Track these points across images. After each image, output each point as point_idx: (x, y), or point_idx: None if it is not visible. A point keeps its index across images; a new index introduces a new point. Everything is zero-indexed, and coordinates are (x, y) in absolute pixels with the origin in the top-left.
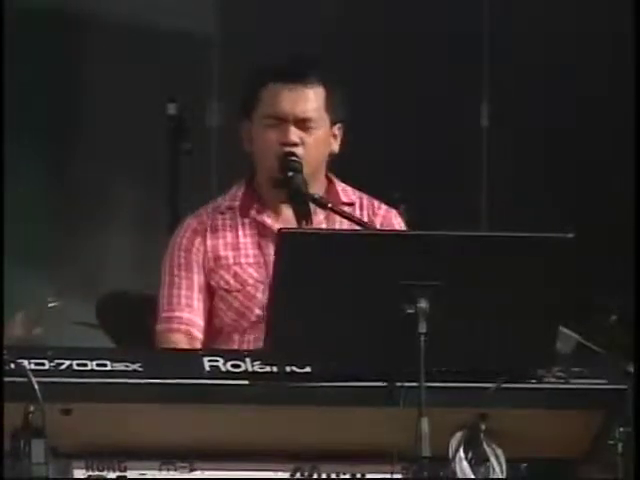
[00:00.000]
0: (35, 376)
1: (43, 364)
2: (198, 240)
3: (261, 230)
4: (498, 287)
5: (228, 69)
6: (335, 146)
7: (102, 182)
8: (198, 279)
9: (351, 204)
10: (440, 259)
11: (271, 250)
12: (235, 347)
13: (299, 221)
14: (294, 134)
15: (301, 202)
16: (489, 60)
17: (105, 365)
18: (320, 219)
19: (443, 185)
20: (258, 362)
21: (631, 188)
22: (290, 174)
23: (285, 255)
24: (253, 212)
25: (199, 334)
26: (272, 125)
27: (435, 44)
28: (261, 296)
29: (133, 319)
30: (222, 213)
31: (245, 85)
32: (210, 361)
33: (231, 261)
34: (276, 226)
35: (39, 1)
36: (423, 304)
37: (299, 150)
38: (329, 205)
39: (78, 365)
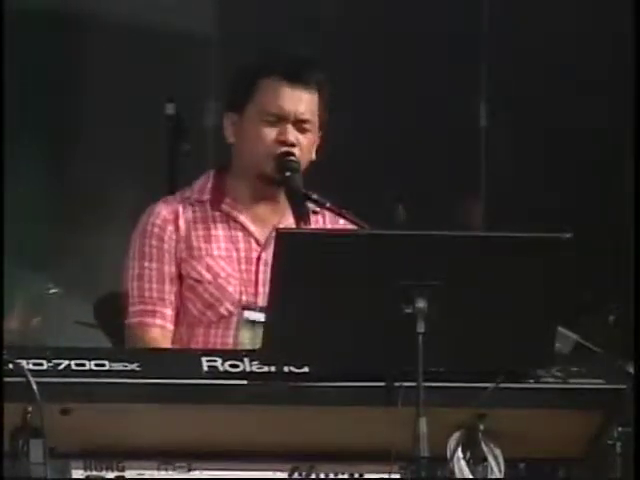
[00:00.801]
0: (33, 376)
1: (41, 364)
2: (170, 228)
3: (232, 224)
4: (496, 287)
5: (227, 69)
6: (314, 154)
7: (101, 182)
8: (169, 270)
9: (315, 213)
10: (439, 259)
11: (242, 245)
12: (199, 341)
13: (297, 221)
14: (292, 134)
15: (299, 202)
16: (488, 60)
17: (103, 365)
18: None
19: (442, 185)
20: (256, 362)
21: (631, 188)
22: (288, 174)
23: (283, 255)
24: (225, 206)
25: (171, 326)
26: (269, 122)
27: (435, 44)
28: (232, 290)
29: None
30: (192, 205)
31: (239, 76)
32: (208, 361)
33: (203, 252)
34: (248, 223)
35: (39, 1)
36: (421, 304)
37: (295, 151)
38: (327, 205)
39: (76, 365)
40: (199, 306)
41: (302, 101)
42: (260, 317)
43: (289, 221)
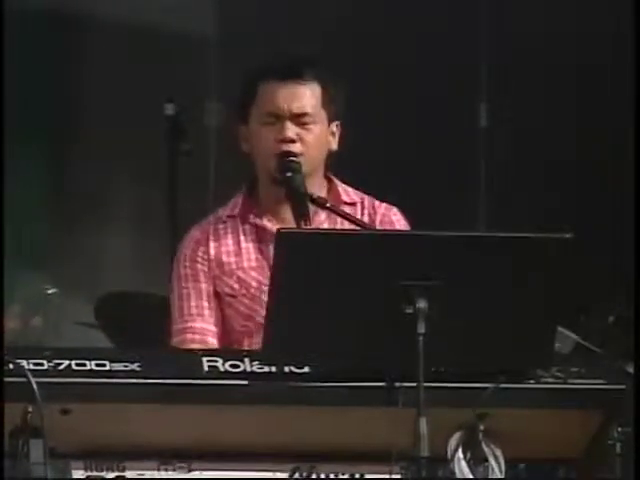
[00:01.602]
0: (34, 376)
1: (42, 364)
2: (202, 249)
3: (261, 234)
4: (497, 287)
5: (226, 69)
6: (334, 144)
7: (101, 182)
8: (206, 288)
9: (353, 204)
10: (439, 259)
11: (272, 253)
12: None
13: (298, 221)
14: (291, 130)
15: (300, 202)
16: (488, 60)
17: (104, 365)
18: (321, 219)
19: (442, 185)
20: (257, 362)
21: (631, 188)
22: (289, 174)
23: (283, 255)
24: (252, 217)
25: (214, 341)
26: (269, 123)
27: (434, 44)
28: (266, 298)
29: (132, 319)
30: (224, 222)
31: (242, 87)
32: (209, 361)
33: (234, 267)
34: (275, 229)
35: (39, 1)
36: (422, 304)
37: (297, 147)
38: (328, 205)
39: (77, 365)
40: (239, 320)
41: (297, 96)
42: None
43: (321, 218)
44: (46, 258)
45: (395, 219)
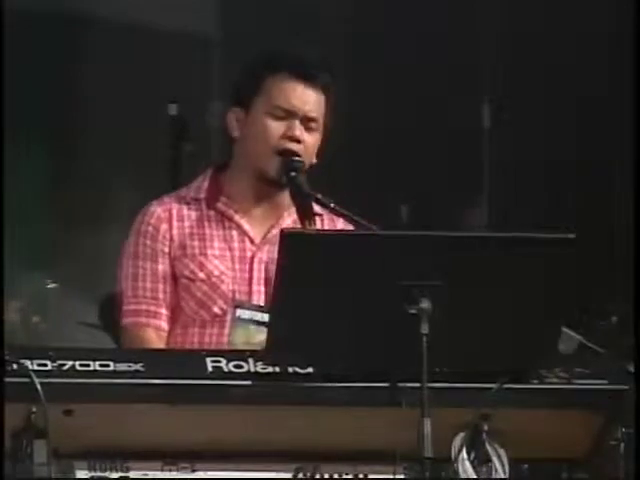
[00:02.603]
0: (37, 376)
1: (45, 364)
2: (164, 227)
3: (227, 223)
4: (499, 287)
5: (229, 69)
6: (315, 157)
7: (103, 182)
8: (163, 269)
9: (320, 214)
10: (441, 259)
11: (236, 244)
12: (193, 341)
13: (302, 221)
14: (299, 130)
15: (304, 202)
16: (490, 60)
17: (108, 365)
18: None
19: (444, 185)
20: (260, 363)
21: (631, 188)
22: (292, 174)
23: (287, 256)
24: (220, 205)
25: (166, 325)
26: (278, 117)
27: (435, 44)
28: (226, 289)
29: None
30: (187, 203)
31: (246, 71)
32: (213, 361)
33: (197, 251)
34: (243, 222)
35: (39, 1)
36: (425, 304)
37: (300, 148)
38: (331, 205)
39: (81, 365)
40: (192, 305)
41: (311, 100)
42: (252, 315)
43: (287, 221)
44: (47, 258)
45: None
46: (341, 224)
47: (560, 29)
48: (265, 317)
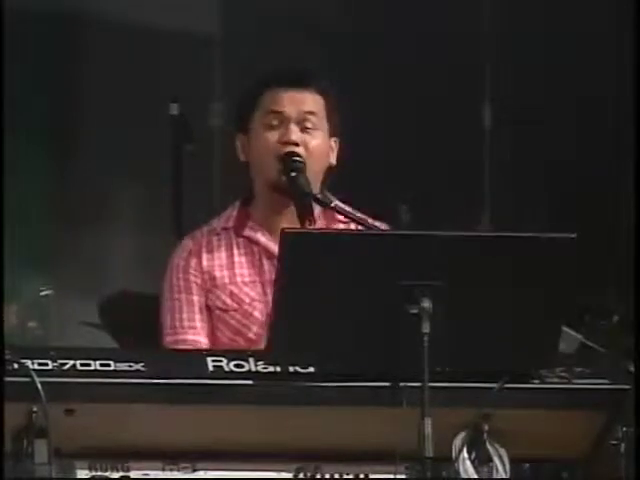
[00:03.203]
0: (38, 376)
1: (46, 364)
2: (194, 261)
3: (255, 248)
4: (500, 287)
5: (230, 69)
6: (333, 159)
7: (104, 182)
8: (198, 300)
9: (347, 223)
10: (442, 259)
11: (266, 268)
12: None
13: (302, 221)
14: (295, 133)
15: (304, 202)
16: (490, 60)
17: (108, 365)
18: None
19: (445, 186)
20: (261, 362)
21: (631, 188)
22: (293, 174)
23: (288, 255)
24: (247, 230)
25: None
26: (272, 126)
27: (435, 44)
28: (259, 315)
29: (136, 319)
30: (217, 234)
31: (242, 94)
32: (214, 361)
33: (227, 280)
34: (271, 244)
35: (39, 1)
36: (426, 304)
37: (300, 150)
38: (332, 204)
39: (81, 365)
40: (228, 334)
41: (302, 101)
42: None
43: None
44: (49, 258)
45: None
46: (338, 225)
47: (560, 29)
48: None
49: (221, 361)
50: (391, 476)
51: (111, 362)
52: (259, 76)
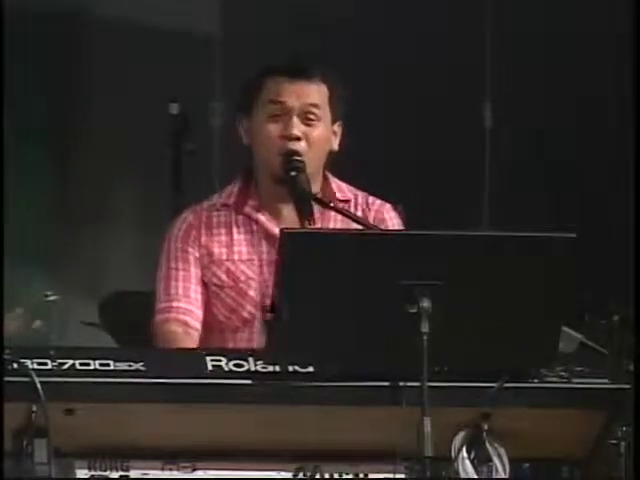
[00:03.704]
0: (38, 376)
1: (46, 364)
2: (193, 234)
3: (255, 228)
4: (499, 286)
5: (230, 68)
6: (335, 144)
7: (104, 182)
8: (195, 271)
9: (346, 201)
10: (442, 259)
11: (264, 248)
12: (228, 346)
13: (302, 220)
14: (297, 128)
15: (304, 202)
16: (491, 60)
17: (108, 365)
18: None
19: (445, 185)
20: (261, 362)
21: (631, 188)
22: (293, 174)
23: (288, 254)
24: (248, 209)
25: (196, 323)
26: (274, 116)
27: (435, 44)
28: (254, 294)
29: (136, 319)
30: (217, 210)
31: (247, 80)
32: (213, 360)
33: (224, 257)
34: (271, 225)
35: (39, 1)
36: (426, 303)
37: (302, 145)
38: (331, 204)
39: (81, 365)
40: (223, 311)
41: (304, 93)
42: None
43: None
44: (49, 258)
45: (387, 217)
46: (340, 222)
47: (560, 29)
48: None
49: (220, 361)
50: (391, 475)
51: (110, 362)
52: (261, 65)
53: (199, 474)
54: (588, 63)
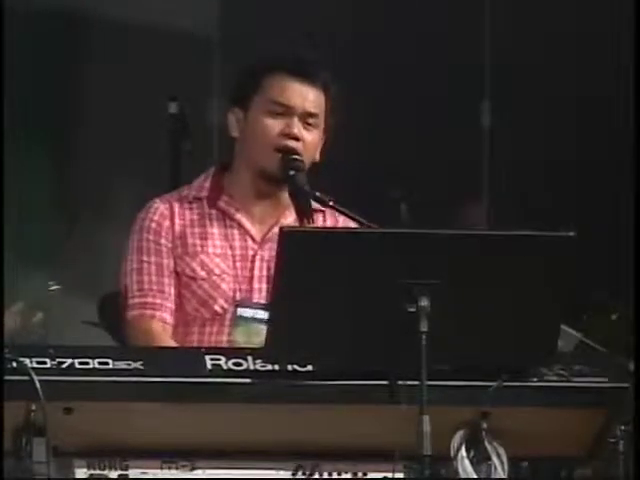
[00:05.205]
0: (37, 374)
1: (45, 362)
2: (166, 224)
3: (228, 222)
4: (499, 285)
5: (229, 68)
6: (317, 155)
7: (103, 181)
8: (167, 263)
9: (321, 211)
10: (441, 257)
11: (237, 243)
12: (194, 339)
13: (301, 219)
14: (297, 128)
15: (303, 200)
16: (490, 60)
17: (107, 363)
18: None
19: (444, 185)
20: (260, 360)
21: (631, 188)
22: (292, 173)
23: (286, 253)
24: (221, 203)
25: (171, 319)
26: (275, 114)
27: (435, 44)
28: (226, 287)
29: None
30: (189, 202)
31: (246, 72)
32: (212, 359)
33: (198, 249)
34: (244, 220)
35: (39, 1)
36: (424, 302)
37: (299, 146)
38: (331, 203)
39: (80, 363)
40: (193, 303)
41: (309, 97)
42: (254, 314)
43: (288, 220)
44: (48, 257)
45: None
46: (342, 222)
47: (560, 29)
48: (267, 315)
49: (219, 359)
50: (389, 474)
51: (109, 360)
52: (264, 57)
53: (198, 473)
54: (588, 63)
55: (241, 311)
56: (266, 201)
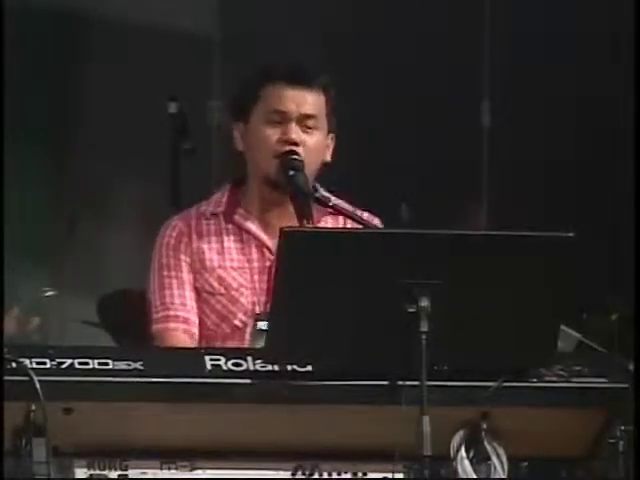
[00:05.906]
0: (37, 375)
1: (44, 363)
2: (185, 240)
3: (245, 236)
4: (499, 286)
5: (229, 68)
6: (328, 156)
7: (103, 181)
8: (189, 279)
9: (336, 214)
10: (441, 258)
11: (255, 256)
12: None
13: (300, 220)
14: (295, 133)
15: (303, 201)
16: (490, 60)
17: (107, 364)
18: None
19: (444, 185)
20: (260, 361)
21: (631, 188)
22: (292, 173)
23: (287, 254)
24: (237, 217)
25: (196, 331)
26: (273, 122)
27: (435, 44)
28: (245, 301)
29: (135, 317)
30: (207, 219)
31: (243, 85)
32: (212, 360)
33: (215, 264)
34: (260, 233)
35: (40, 1)
36: (425, 303)
37: (299, 150)
38: (331, 203)
39: (80, 364)
40: (213, 318)
41: (305, 100)
42: None
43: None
44: (48, 257)
45: None
46: (342, 223)
47: (560, 29)
48: None
49: (219, 360)
50: (389, 475)
51: (109, 361)
52: (261, 67)
53: (198, 473)
54: (588, 63)
55: (260, 325)
56: (276, 210)
